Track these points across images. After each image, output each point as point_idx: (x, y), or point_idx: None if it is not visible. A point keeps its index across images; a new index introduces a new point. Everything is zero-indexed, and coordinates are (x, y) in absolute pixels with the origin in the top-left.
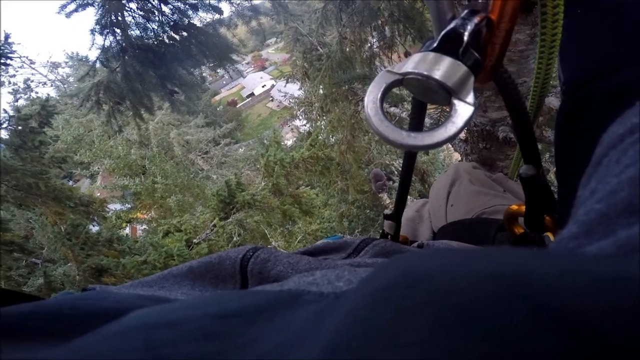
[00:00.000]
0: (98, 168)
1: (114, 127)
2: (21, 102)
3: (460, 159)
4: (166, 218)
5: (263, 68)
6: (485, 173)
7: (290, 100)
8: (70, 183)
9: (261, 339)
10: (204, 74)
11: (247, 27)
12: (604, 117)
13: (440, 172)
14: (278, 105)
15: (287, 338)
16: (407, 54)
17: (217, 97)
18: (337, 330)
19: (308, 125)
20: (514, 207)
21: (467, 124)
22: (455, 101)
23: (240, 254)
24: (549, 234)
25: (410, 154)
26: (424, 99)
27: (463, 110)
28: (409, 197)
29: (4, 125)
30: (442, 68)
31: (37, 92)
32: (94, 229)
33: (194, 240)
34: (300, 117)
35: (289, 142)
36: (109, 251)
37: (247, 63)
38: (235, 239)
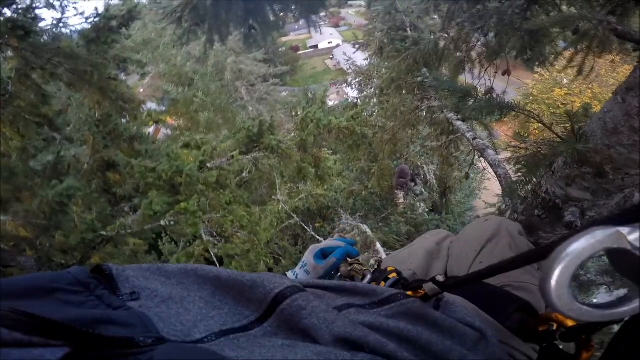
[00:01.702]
0: (152, 69)
1: (183, 43)
2: (114, 2)
3: (501, 211)
4: (191, 131)
5: (337, 25)
6: (528, 243)
7: (351, 65)
8: (122, 75)
9: None
10: (286, 18)
11: None
12: None
13: (465, 192)
14: (335, 66)
15: None
16: (506, 73)
17: (284, 39)
18: None
19: (358, 96)
20: (560, 317)
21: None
22: None
23: (278, 289)
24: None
25: None
26: (622, 271)
27: None
28: (422, 204)
29: (90, 20)
30: None
31: None
32: (124, 121)
33: (208, 165)
34: (353, 86)
35: (331, 103)
36: (126, 148)
37: (324, 15)
38: (244, 174)
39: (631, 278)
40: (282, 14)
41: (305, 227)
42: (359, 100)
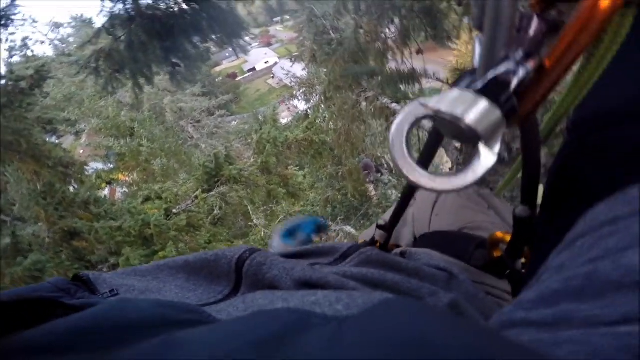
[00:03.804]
0: (85, 126)
1: (109, 93)
2: (15, 59)
3: (451, 166)
4: (148, 182)
5: (269, 44)
6: (473, 187)
7: (292, 79)
8: (54, 139)
9: None
10: (209, 47)
11: (263, 2)
12: (601, 182)
13: (430, 169)
14: (278, 83)
15: None
16: (419, 52)
17: (218, 68)
18: None
19: (306, 107)
20: (499, 234)
21: (488, 173)
22: (481, 148)
23: (237, 255)
24: (524, 260)
25: None
26: (451, 136)
27: (485, 159)
28: (393, 190)
29: None
30: (477, 112)
31: (32, 51)
32: (72, 188)
33: (174, 211)
34: (300, 98)
35: (284, 121)
36: (84, 214)
37: (253, 38)
38: (215, 212)
39: (462, 140)
40: (203, 44)
41: None
42: (309, 110)
